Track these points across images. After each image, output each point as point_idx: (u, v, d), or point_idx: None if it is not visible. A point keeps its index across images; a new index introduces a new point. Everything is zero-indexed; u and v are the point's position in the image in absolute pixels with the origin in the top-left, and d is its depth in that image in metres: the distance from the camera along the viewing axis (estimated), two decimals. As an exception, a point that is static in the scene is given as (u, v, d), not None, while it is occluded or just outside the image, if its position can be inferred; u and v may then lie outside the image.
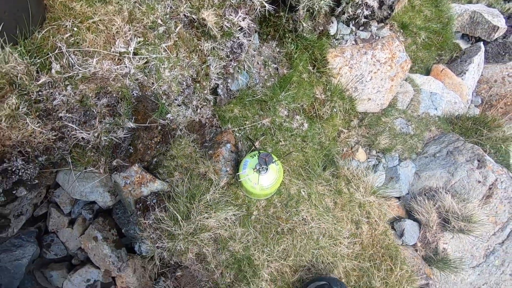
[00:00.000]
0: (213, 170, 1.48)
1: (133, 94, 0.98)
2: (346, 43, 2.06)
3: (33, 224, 1.55)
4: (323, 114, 1.99)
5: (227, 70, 1.38)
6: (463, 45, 4.07)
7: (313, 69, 1.94)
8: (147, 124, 1.10)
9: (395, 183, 2.33)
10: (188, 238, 1.28)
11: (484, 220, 2.13)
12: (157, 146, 1.52)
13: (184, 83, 1.11)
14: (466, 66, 3.67)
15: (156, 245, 1.31)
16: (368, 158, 2.45)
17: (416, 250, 2.25)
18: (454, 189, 2.37)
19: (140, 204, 1.30)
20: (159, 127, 1.48)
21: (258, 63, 1.67)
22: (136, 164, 1.28)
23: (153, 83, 1.01)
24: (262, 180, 1.39)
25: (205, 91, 1.28)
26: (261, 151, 1.33)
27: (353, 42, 2.09)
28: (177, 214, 1.25)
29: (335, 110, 2.07)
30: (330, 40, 2.00)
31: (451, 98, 3.11)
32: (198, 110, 1.52)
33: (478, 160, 2.45)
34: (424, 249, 2.31)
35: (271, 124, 1.66)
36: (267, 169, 1.38)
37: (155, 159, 1.50)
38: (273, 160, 1.34)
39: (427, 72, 3.52)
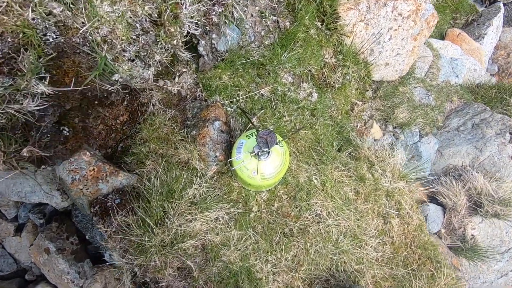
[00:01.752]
0: (198, 156, 1.13)
1: (47, 39, 0.60)
2: (360, -8, 1.65)
3: (-35, 235, 1.21)
4: (334, 82, 1.62)
5: (210, 19, 0.99)
6: (478, 7, 3.71)
7: (321, 25, 1.54)
8: (81, 88, 0.72)
9: (416, 162, 2.01)
10: (164, 250, 0.94)
11: (521, 203, 1.83)
12: (123, 128, 1.16)
13: (138, 25, 0.72)
14: (484, 30, 3.30)
15: (124, 260, 0.97)
16: (384, 134, 2.11)
17: (440, 238, 1.97)
18: (483, 167, 2.06)
19: (97, 207, 0.95)
20: (125, 103, 1.11)
21: (252, 15, 1.27)
22: (88, 153, 0.92)
23: (83, 23, 0.62)
24: (262, 168, 1.04)
25: (175, 42, 0.88)
26: (260, 129, 0.96)
27: (369, -9, 1.68)
28: (147, 220, 0.91)
29: (348, 77, 1.69)
30: (342, -12, 1.59)
31: (471, 65, 2.77)
32: (177, 79, 1.15)
33: (511, 133, 2.14)
34: (449, 236, 2.03)
35: (272, 95, 1.29)
36: (268, 153, 1.03)
37: (121, 145, 1.14)
38: (277, 141, 0.98)
39: (442, 37, 3.18)
